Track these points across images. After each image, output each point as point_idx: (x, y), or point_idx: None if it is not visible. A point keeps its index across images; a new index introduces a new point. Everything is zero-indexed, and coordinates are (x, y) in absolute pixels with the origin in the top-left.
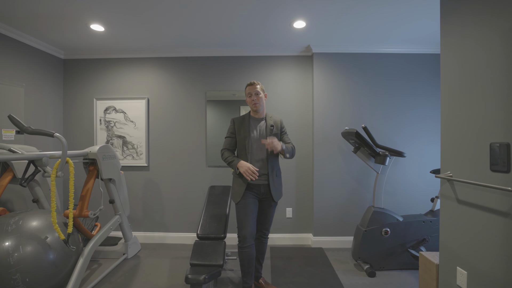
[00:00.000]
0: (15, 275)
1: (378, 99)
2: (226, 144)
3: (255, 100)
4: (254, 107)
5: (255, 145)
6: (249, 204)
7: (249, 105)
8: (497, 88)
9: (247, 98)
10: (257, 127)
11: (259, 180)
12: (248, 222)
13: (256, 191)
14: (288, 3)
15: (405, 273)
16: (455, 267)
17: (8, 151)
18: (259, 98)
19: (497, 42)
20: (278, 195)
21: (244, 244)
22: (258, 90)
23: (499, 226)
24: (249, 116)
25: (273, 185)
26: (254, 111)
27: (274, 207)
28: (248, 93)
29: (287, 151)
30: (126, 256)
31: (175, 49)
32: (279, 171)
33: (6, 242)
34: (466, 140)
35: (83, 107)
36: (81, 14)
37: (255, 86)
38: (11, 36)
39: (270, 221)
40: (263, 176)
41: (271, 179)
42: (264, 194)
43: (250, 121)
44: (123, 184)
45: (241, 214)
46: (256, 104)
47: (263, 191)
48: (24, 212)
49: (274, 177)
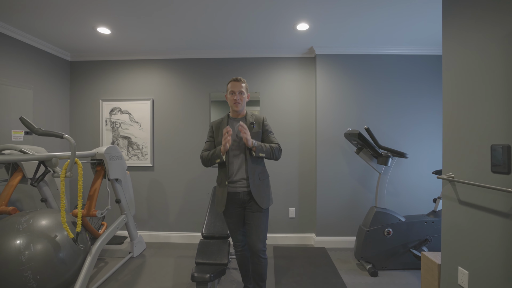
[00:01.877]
0: (27, 272)
1: (381, 100)
2: (205, 148)
3: (237, 100)
4: (235, 106)
5: (233, 147)
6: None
7: (230, 103)
8: (498, 90)
9: (229, 95)
10: (236, 127)
11: (237, 187)
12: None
13: (237, 200)
14: (291, 7)
15: (407, 273)
16: (456, 267)
17: (20, 151)
18: (242, 98)
19: (498, 46)
20: (265, 201)
21: (237, 248)
22: (242, 89)
23: (500, 226)
24: (227, 118)
25: (256, 190)
26: (234, 111)
27: (261, 216)
28: (231, 90)
29: (260, 149)
30: (131, 255)
31: (180, 51)
32: (263, 174)
33: (18, 240)
34: (468, 142)
35: (89, 108)
36: (88, 18)
37: (240, 83)
38: (20, 39)
39: (259, 234)
40: (241, 182)
41: (252, 184)
42: (246, 202)
43: (229, 122)
44: (129, 184)
45: (229, 225)
46: (238, 104)
47: (244, 198)
48: (34, 211)
49: (256, 181)
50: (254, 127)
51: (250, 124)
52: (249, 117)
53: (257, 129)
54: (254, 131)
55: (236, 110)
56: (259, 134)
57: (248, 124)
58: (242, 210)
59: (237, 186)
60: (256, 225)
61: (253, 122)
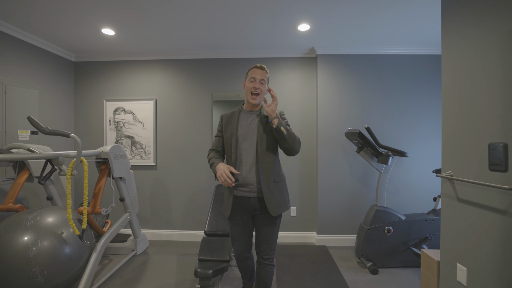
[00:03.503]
0: (34, 267)
1: (382, 99)
2: (213, 144)
3: (257, 89)
4: (252, 98)
5: (244, 144)
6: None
7: (247, 92)
8: (495, 89)
9: (247, 82)
10: (248, 121)
11: (245, 191)
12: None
13: (245, 206)
14: (293, 8)
15: (408, 270)
16: (455, 264)
17: (27, 150)
18: (262, 88)
19: (496, 45)
20: (278, 207)
21: (239, 258)
22: (264, 79)
23: (497, 223)
24: (239, 110)
25: (268, 195)
26: (249, 103)
27: (272, 226)
28: (251, 77)
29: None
30: (135, 252)
31: (183, 51)
32: (278, 175)
33: (25, 237)
34: (466, 140)
35: (93, 108)
36: (93, 19)
37: (263, 72)
38: (26, 40)
39: (270, 244)
40: (250, 186)
41: (264, 187)
42: (257, 209)
43: (241, 115)
44: (132, 182)
45: (232, 233)
46: (256, 95)
47: (254, 205)
48: (41, 208)
49: (270, 184)
50: (269, 121)
51: (264, 117)
52: (263, 110)
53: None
54: (268, 127)
55: (252, 103)
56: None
57: (262, 118)
58: (251, 218)
59: (247, 191)
60: (269, 237)
61: (267, 116)
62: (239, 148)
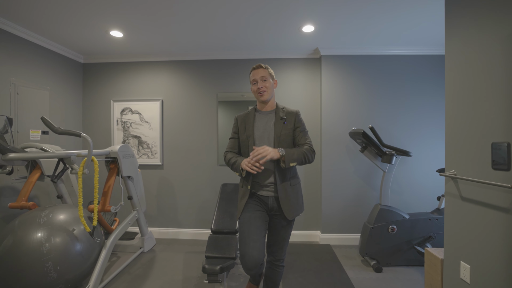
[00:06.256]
0: (48, 263)
1: (385, 99)
2: (229, 146)
3: (260, 88)
4: (260, 97)
5: (261, 141)
6: (251, 218)
7: (254, 94)
8: (498, 89)
9: (252, 86)
10: (264, 122)
11: (266, 191)
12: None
13: (263, 204)
14: (297, 9)
15: (411, 269)
16: (458, 262)
17: (40, 149)
18: (268, 85)
19: (499, 46)
20: (293, 210)
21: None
22: (264, 75)
23: (500, 221)
24: (254, 111)
25: (284, 198)
26: (261, 102)
27: (288, 227)
28: (252, 79)
29: (290, 157)
30: (142, 250)
31: (189, 52)
32: (295, 179)
33: (39, 233)
34: (470, 140)
35: (101, 108)
36: (102, 22)
37: (261, 70)
38: (38, 42)
39: (282, 245)
40: (269, 187)
41: (281, 190)
42: (274, 209)
43: (256, 117)
44: (140, 181)
45: (242, 233)
46: (262, 93)
47: (272, 205)
48: (53, 206)
49: (287, 187)
50: (286, 124)
51: (280, 119)
52: (279, 111)
53: (289, 126)
54: (285, 129)
55: (263, 101)
56: (290, 132)
57: (278, 120)
58: (267, 215)
59: (266, 190)
60: (282, 238)
61: (284, 118)
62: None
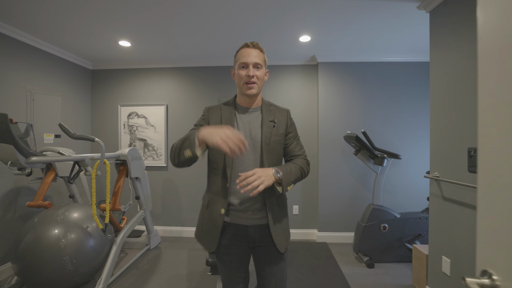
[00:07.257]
0: (65, 256)
1: (379, 104)
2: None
3: (252, 78)
4: (248, 89)
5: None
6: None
7: (238, 83)
8: (472, 99)
9: (238, 70)
10: (246, 123)
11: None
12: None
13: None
14: (294, 22)
15: (402, 265)
16: (440, 256)
17: (58, 153)
18: (259, 75)
19: (473, 62)
20: (285, 239)
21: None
22: (259, 61)
23: (475, 219)
24: (234, 105)
25: (275, 223)
26: (245, 97)
27: (282, 260)
28: (241, 62)
29: (287, 179)
30: (148, 247)
31: (192, 60)
32: (283, 198)
33: (57, 230)
34: (451, 144)
35: (108, 113)
36: (112, 33)
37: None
38: (50, 51)
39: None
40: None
41: (270, 214)
42: (258, 240)
43: (237, 113)
44: (147, 182)
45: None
46: (252, 85)
47: (254, 236)
48: (68, 205)
49: (275, 209)
50: (275, 127)
51: (269, 122)
52: (266, 109)
53: (280, 131)
54: (275, 135)
55: (249, 94)
56: (281, 138)
57: (267, 123)
58: (249, 250)
59: (245, 217)
60: (277, 280)
61: (273, 120)
62: (237, 161)
